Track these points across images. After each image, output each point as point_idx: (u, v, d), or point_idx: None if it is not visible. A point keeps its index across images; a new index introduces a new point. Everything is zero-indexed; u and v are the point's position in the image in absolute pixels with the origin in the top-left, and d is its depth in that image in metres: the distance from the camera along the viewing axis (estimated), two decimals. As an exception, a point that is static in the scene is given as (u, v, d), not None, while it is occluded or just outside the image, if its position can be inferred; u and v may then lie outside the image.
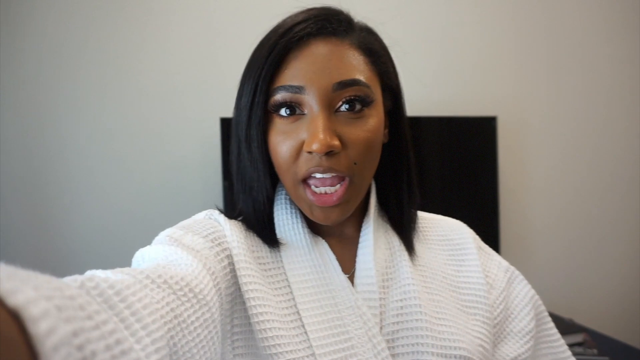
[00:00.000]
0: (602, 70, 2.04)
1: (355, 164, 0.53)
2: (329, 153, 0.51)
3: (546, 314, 0.66)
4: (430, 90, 1.88)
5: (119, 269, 0.38)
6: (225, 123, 1.60)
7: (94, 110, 1.69)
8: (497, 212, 1.83)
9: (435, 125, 1.81)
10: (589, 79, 2.03)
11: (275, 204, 0.60)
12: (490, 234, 1.82)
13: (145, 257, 0.49)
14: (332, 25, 0.53)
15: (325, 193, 0.53)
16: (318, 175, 0.52)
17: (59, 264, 1.67)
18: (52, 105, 1.67)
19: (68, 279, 0.31)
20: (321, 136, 0.50)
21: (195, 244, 0.51)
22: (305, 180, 0.54)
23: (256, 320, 0.50)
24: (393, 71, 0.60)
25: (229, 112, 0.60)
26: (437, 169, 1.84)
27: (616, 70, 2.05)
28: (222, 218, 0.58)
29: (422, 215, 0.69)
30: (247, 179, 0.58)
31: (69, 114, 1.68)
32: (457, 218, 0.71)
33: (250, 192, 0.58)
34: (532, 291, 0.65)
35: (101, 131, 1.70)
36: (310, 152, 0.51)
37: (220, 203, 1.66)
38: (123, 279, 0.34)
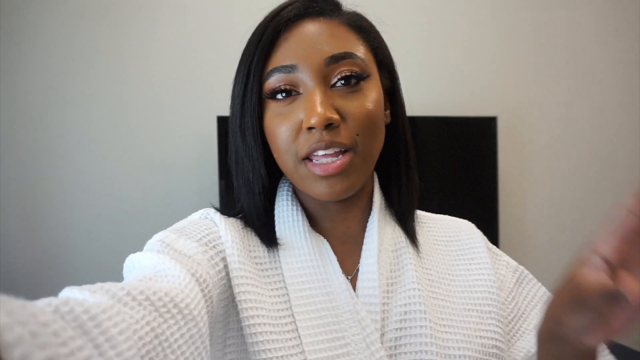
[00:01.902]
0: (602, 72, 2.04)
1: (357, 135, 0.51)
2: (329, 126, 0.50)
3: None
4: (430, 90, 1.87)
5: (99, 285, 0.36)
6: (222, 121, 1.59)
7: (89, 108, 1.68)
8: (496, 212, 1.83)
9: (436, 125, 1.81)
10: (589, 80, 2.03)
11: (277, 199, 0.59)
12: (489, 235, 1.78)
13: (135, 265, 0.48)
14: (319, 4, 0.53)
15: (328, 162, 0.51)
16: (320, 152, 0.51)
17: (52, 263, 1.65)
18: (45, 103, 1.65)
19: (42, 303, 0.30)
20: (319, 109, 0.49)
21: (187, 249, 0.49)
22: (306, 159, 0.52)
23: (247, 323, 0.49)
24: (386, 48, 0.59)
25: (226, 111, 0.59)
26: (437, 169, 1.83)
27: (616, 71, 2.05)
28: (217, 217, 0.56)
29: (429, 216, 0.67)
30: (245, 172, 0.56)
31: (62, 111, 1.66)
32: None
33: (248, 186, 0.56)
34: (543, 289, 0.63)
35: (96, 129, 1.68)
36: (310, 129, 0.50)
37: (216, 202, 1.65)
38: (100, 302, 0.33)
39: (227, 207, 0.61)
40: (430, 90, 1.87)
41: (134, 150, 1.70)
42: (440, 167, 1.84)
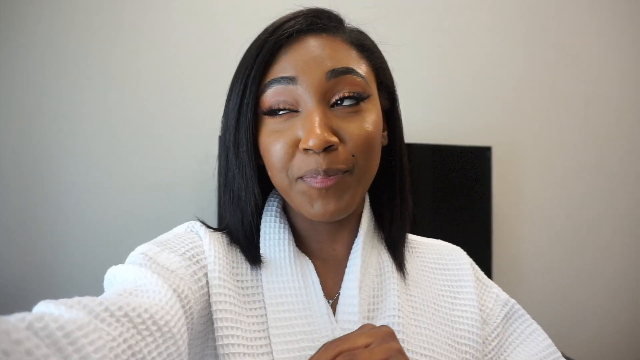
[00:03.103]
0: (598, 103, 2.07)
1: (353, 156, 0.50)
2: (327, 149, 0.48)
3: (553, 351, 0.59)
4: (425, 118, 1.90)
5: (77, 300, 0.35)
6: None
7: (87, 122, 1.69)
8: (490, 242, 1.83)
9: (430, 153, 1.82)
10: (584, 112, 2.06)
11: (263, 215, 0.57)
12: (483, 264, 1.79)
13: (117, 277, 0.47)
14: (322, 21, 0.52)
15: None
16: (318, 178, 0.49)
17: (48, 267, 1.64)
18: (45, 111, 1.66)
19: (15, 319, 0.29)
20: (318, 131, 0.47)
21: (170, 263, 0.48)
22: (300, 178, 0.51)
23: (221, 343, 0.48)
24: (387, 68, 0.58)
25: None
26: (430, 197, 1.84)
27: (611, 102, 2.08)
28: (202, 231, 0.55)
29: (420, 240, 0.65)
30: (235, 188, 0.54)
31: (60, 123, 1.67)
32: (450, 246, 0.68)
33: (238, 203, 0.54)
34: (533, 326, 0.61)
35: (95, 143, 1.69)
36: (307, 150, 0.48)
37: (214, 220, 1.65)
38: (76, 318, 0.32)
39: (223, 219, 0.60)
40: (426, 118, 1.89)
41: (132, 166, 1.71)
42: (435, 195, 1.85)
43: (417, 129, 1.84)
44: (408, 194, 0.60)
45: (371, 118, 0.52)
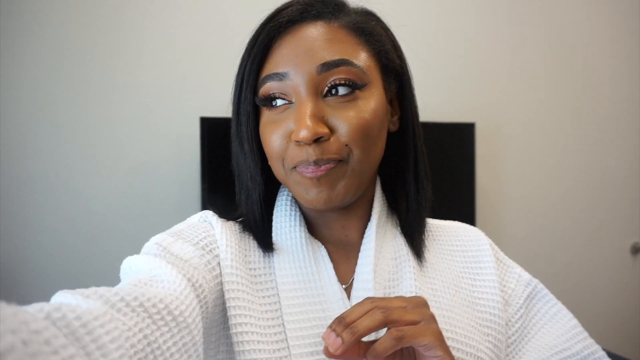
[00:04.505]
0: (581, 78, 2.09)
1: (347, 145, 0.49)
2: (317, 140, 0.48)
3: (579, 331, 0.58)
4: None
5: (93, 290, 0.36)
6: (205, 123, 1.56)
7: (66, 107, 1.64)
8: (473, 219, 1.86)
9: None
10: (567, 87, 2.08)
11: (276, 204, 0.58)
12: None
13: (132, 267, 0.48)
14: (315, 8, 0.51)
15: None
16: (310, 168, 0.49)
17: (25, 264, 1.61)
18: (20, 101, 1.61)
19: (34, 309, 0.30)
20: (308, 122, 0.47)
21: (184, 253, 0.49)
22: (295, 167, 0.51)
23: (235, 331, 0.48)
24: (394, 51, 0.56)
25: (209, 111, 0.59)
26: (416, 173, 1.84)
27: (595, 77, 2.10)
28: (215, 220, 0.55)
29: (436, 223, 0.64)
30: (244, 177, 0.56)
31: (40, 108, 1.63)
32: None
33: (247, 192, 0.56)
34: (557, 306, 0.60)
35: (71, 128, 1.65)
36: (298, 142, 0.49)
37: (197, 205, 1.63)
38: (92, 309, 0.33)
39: (208, 209, 0.60)
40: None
41: (114, 150, 1.67)
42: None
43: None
44: (425, 180, 0.59)
45: (369, 106, 0.50)
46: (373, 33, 0.53)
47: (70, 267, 1.62)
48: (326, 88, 0.49)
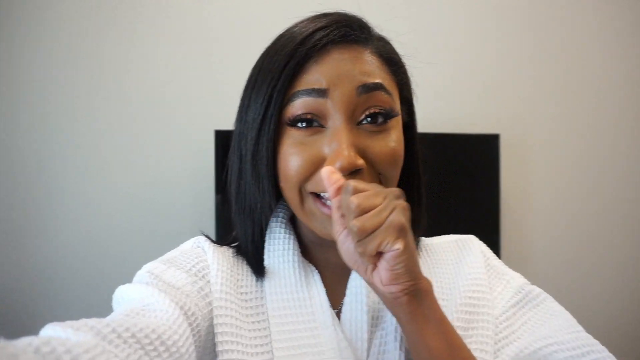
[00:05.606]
0: (606, 90, 2.03)
1: (380, 174, 0.49)
2: (353, 172, 0.46)
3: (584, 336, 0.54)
4: (433, 107, 1.85)
5: (83, 322, 0.35)
6: (220, 136, 1.56)
7: (82, 119, 1.65)
8: (498, 231, 1.81)
9: (438, 143, 1.79)
10: (593, 98, 2.02)
11: (269, 227, 0.56)
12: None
13: (125, 297, 0.47)
14: (354, 32, 0.50)
15: None
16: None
17: (40, 276, 1.61)
18: (40, 113, 1.62)
19: (23, 343, 0.29)
20: (346, 153, 0.46)
21: (176, 280, 0.48)
22: (316, 194, 0.49)
23: (221, 358, 0.47)
24: (409, 83, 0.57)
25: (224, 124, 0.55)
26: (439, 186, 1.80)
27: (619, 89, 2.04)
28: (207, 245, 0.55)
29: (428, 241, 0.64)
30: (249, 199, 0.53)
31: (55, 120, 1.64)
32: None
33: (251, 214, 0.54)
34: (556, 312, 0.56)
35: (89, 141, 1.65)
36: None
37: (212, 217, 1.61)
38: (83, 342, 0.32)
39: (223, 224, 0.58)
40: (433, 108, 1.85)
41: (129, 163, 1.67)
42: (443, 184, 1.81)
43: (423, 118, 1.79)
44: (423, 208, 0.59)
45: (397, 135, 0.51)
46: (399, 64, 0.54)
47: (88, 279, 1.61)
48: (362, 116, 0.49)
